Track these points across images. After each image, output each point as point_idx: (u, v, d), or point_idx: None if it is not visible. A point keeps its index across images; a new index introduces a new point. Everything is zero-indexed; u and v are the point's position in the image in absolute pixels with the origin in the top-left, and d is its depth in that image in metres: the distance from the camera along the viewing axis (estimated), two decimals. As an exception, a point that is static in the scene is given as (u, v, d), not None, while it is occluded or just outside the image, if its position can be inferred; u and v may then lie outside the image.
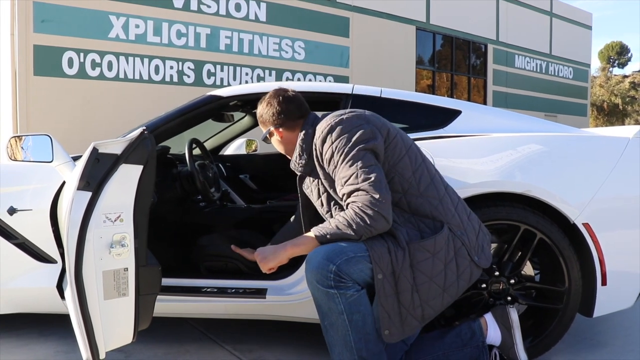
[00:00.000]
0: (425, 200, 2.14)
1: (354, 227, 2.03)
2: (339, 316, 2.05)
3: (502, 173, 2.56)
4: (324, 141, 2.14)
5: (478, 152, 2.63)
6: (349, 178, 2.06)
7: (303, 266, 2.71)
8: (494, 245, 2.69)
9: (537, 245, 2.59)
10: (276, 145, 2.39)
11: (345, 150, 2.08)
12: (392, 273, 2.04)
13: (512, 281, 2.62)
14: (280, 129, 2.33)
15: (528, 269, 2.74)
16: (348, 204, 2.07)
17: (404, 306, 2.05)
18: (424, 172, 2.18)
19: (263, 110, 2.36)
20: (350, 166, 2.06)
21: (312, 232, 2.12)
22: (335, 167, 2.11)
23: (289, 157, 2.35)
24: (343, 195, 2.09)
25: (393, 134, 2.18)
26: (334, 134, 2.12)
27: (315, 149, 2.18)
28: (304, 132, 2.25)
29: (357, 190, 2.03)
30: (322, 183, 2.21)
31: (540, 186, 2.55)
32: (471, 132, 2.70)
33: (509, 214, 2.55)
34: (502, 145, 2.64)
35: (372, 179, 2.02)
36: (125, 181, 2.18)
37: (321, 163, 2.18)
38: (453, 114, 2.80)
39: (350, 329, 2.05)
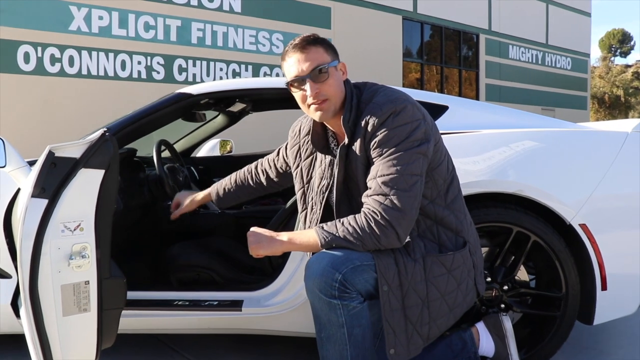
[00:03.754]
0: (452, 212, 2.12)
1: (364, 239, 1.98)
2: (338, 329, 2.03)
3: (493, 172, 2.58)
4: (382, 123, 2.01)
5: (466, 150, 2.64)
6: (385, 178, 1.98)
7: (282, 276, 2.71)
8: (484, 249, 2.70)
9: (531, 248, 2.61)
10: (329, 88, 2.09)
11: (398, 146, 1.98)
12: (399, 286, 2.02)
13: (506, 287, 2.64)
14: (345, 67, 2.17)
15: (522, 274, 2.76)
16: (367, 205, 2.01)
17: (411, 322, 2.04)
18: (453, 182, 2.17)
19: (324, 41, 2.15)
20: (394, 166, 1.97)
21: (316, 235, 2.05)
22: (380, 156, 2.01)
23: (323, 110, 2.11)
24: (369, 188, 2.02)
25: (439, 134, 2.14)
26: (396, 120, 2.00)
27: (367, 125, 2.04)
28: (352, 92, 2.12)
29: (385, 196, 1.96)
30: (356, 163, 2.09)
31: (533, 185, 2.57)
32: (459, 129, 2.72)
33: (501, 216, 2.57)
34: (491, 142, 2.66)
35: (408, 193, 1.96)
36: (85, 187, 2.17)
37: (365, 141, 2.05)
38: (439, 110, 2.81)
39: (348, 344, 2.04)
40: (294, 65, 2.10)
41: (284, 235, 2.12)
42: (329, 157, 2.22)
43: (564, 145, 2.73)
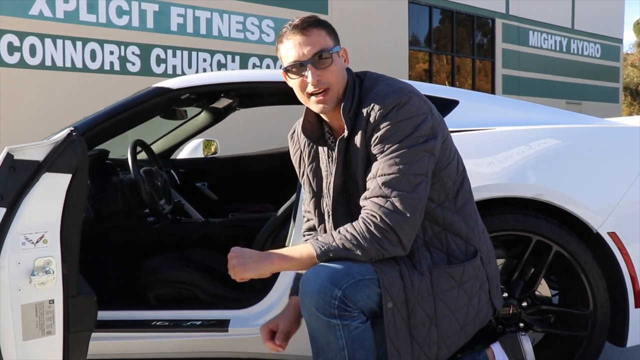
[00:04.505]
0: (461, 218, 2.12)
1: (364, 246, 1.97)
2: (338, 352, 2.02)
3: (509, 174, 2.59)
4: (384, 116, 2.01)
5: (479, 150, 2.65)
6: (386, 178, 1.98)
7: (274, 292, 2.72)
8: (500, 261, 2.71)
9: (553, 260, 2.61)
10: (331, 75, 2.09)
11: (402, 142, 1.98)
12: (404, 302, 2.02)
13: (525, 304, 2.64)
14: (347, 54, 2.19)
15: (543, 289, 2.77)
16: (366, 209, 2.01)
17: (417, 342, 2.04)
18: (464, 184, 2.16)
19: (326, 23, 2.15)
20: (397, 165, 1.97)
21: (311, 247, 2.04)
22: (381, 153, 2.01)
23: (326, 102, 2.10)
24: (367, 189, 2.02)
25: (447, 131, 2.14)
26: (401, 113, 2.00)
27: (368, 116, 2.04)
28: (354, 80, 2.13)
29: (386, 198, 1.97)
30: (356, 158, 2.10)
31: (555, 189, 2.58)
32: (471, 126, 2.72)
33: (518, 223, 2.58)
34: (508, 141, 2.67)
35: (411, 194, 1.96)
36: (50, 193, 2.17)
37: (366, 135, 2.05)
38: (449, 105, 2.82)
39: None
40: (293, 48, 2.08)
41: (272, 253, 2.10)
42: (327, 153, 2.22)
43: (590, 144, 2.74)
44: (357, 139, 2.07)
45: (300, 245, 2.11)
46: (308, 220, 2.43)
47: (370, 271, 2.00)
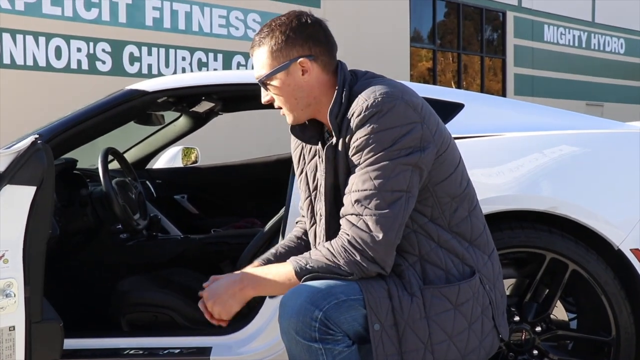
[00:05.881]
0: (454, 237, 2.12)
1: (341, 263, 2.00)
2: None
3: (519, 185, 2.60)
4: (363, 124, 2.02)
5: (486, 159, 2.67)
6: (359, 194, 2.00)
7: (259, 317, 2.72)
8: (511, 281, 2.73)
9: (569, 279, 2.62)
10: (279, 99, 2.19)
11: (379, 154, 1.99)
12: (393, 325, 2.02)
13: (538, 329, 2.65)
14: (313, 62, 2.17)
15: (560, 313, 2.78)
16: (342, 226, 2.03)
17: None
18: (463, 202, 2.15)
19: (287, 28, 2.16)
20: (371, 180, 1.99)
21: (290, 264, 2.07)
22: (357, 165, 2.03)
23: (287, 116, 2.20)
24: (343, 205, 2.05)
25: (447, 142, 2.13)
26: (382, 122, 2.01)
27: (349, 122, 2.06)
28: (344, 80, 2.15)
29: (359, 217, 1.99)
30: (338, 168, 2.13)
31: (571, 201, 2.60)
32: (477, 132, 2.74)
33: (530, 239, 2.59)
34: (519, 148, 2.69)
35: (386, 212, 1.97)
36: (11, 208, 2.18)
37: (346, 143, 2.08)
38: (453, 108, 2.84)
39: None
40: None
41: (246, 277, 2.12)
42: (318, 153, 2.25)
43: (611, 151, 2.76)
44: (340, 146, 2.10)
45: (280, 264, 2.14)
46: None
47: (355, 291, 2.01)
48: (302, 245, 2.44)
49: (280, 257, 2.36)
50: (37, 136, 2.33)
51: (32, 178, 2.21)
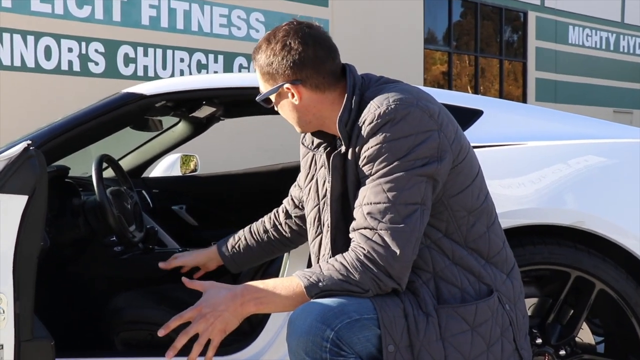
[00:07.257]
0: (470, 254, 2.13)
1: (356, 277, 2.00)
2: None
3: (542, 198, 2.61)
4: (375, 132, 2.04)
5: (507, 169, 2.68)
6: (373, 207, 2.01)
7: (264, 335, 2.73)
8: (533, 301, 2.73)
9: (596, 299, 2.62)
10: (282, 114, 2.34)
11: (394, 165, 2.01)
12: (408, 346, 2.02)
13: (563, 352, 2.65)
14: (300, 87, 2.21)
15: (586, 335, 2.78)
16: (354, 240, 2.04)
17: None
18: (481, 217, 2.16)
19: (272, 52, 2.21)
20: (385, 192, 2.00)
21: (298, 279, 2.06)
22: (369, 176, 2.05)
23: (302, 129, 2.33)
24: (354, 219, 2.06)
25: (465, 151, 2.14)
26: (395, 130, 2.02)
27: (360, 130, 2.08)
28: (354, 86, 2.17)
29: (373, 231, 1.99)
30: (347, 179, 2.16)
31: (598, 215, 2.61)
32: (496, 140, 2.75)
33: (553, 256, 2.60)
34: (541, 158, 2.70)
35: (402, 227, 1.98)
36: (2, 219, 2.19)
37: (356, 152, 2.10)
38: (471, 115, 2.85)
39: None
40: None
41: (248, 292, 2.11)
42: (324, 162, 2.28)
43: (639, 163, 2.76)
44: (350, 155, 2.12)
45: (282, 278, 2.14)
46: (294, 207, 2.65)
47: (368, 309, 2.02)
48: (281, 238, 2.70)
49: (261, 246, 2.72)
50: (29, 142, 2.34)
51: (23, 187, 2.22)
